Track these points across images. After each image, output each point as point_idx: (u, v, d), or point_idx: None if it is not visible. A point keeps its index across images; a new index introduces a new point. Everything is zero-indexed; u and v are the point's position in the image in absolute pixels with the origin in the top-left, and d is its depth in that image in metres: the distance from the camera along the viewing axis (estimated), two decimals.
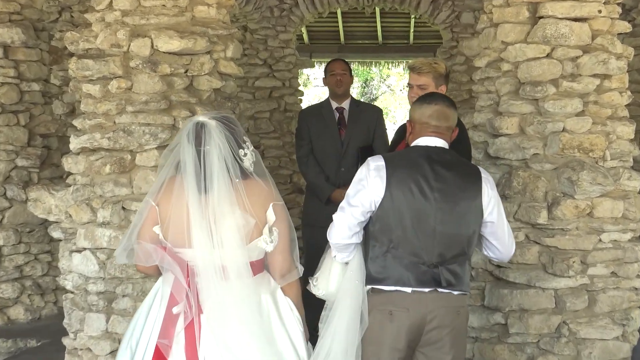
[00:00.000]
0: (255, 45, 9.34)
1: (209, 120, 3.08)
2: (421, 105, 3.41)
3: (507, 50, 4.96)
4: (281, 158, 9.38)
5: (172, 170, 3.11)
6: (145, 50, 4.61)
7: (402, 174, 3.24)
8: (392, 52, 12.85)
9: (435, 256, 3.24)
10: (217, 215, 2.99)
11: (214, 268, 3.00)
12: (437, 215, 3.22)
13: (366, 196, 3.26)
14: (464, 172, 3.31)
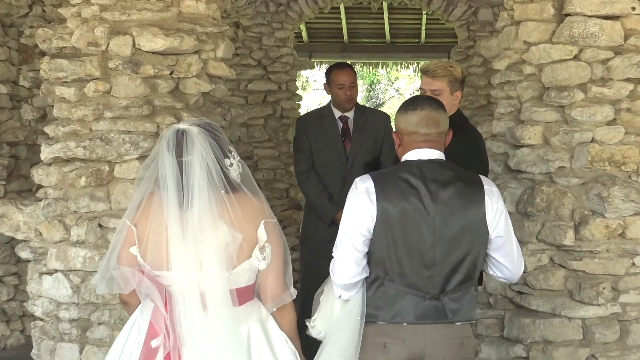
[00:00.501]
0: (248, 44, 9.37)
1: (191, 127, 3.07)
2: (406, 112, 3.35)
3: (529, 52, 4.99)
4: (277, 170, 9.39)
5: (151, 185, 3.12)
6: (126, 49, 4.63)
7: (394, 197, 3.21)
8: (401, 52, 12.86)
9: (438, 287, 3.21)
10: (197, 233, 2.98)
11: (192, 294, 3.00)
12: (436, 241, 3.19)
13: (362, 223, 3.23)
14: (463, 187, 3.26)
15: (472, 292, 3.30)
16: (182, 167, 3.01)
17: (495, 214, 3.27)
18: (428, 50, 12.32)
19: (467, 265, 3.24)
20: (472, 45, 9.29)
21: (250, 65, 9.38)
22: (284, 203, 9.31)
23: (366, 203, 3.21)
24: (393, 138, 3.44)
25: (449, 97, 4.29)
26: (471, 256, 3.24)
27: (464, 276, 3.24)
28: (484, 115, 8.67)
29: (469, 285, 3.28)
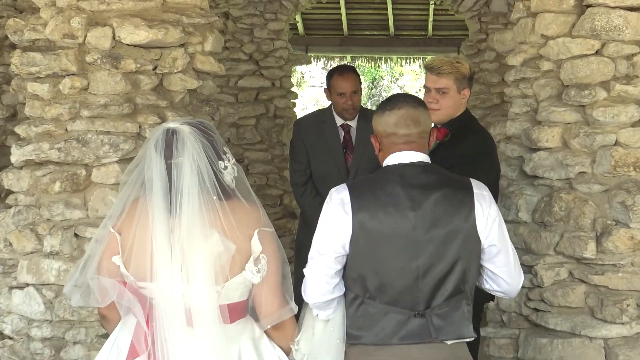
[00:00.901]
0: (239, 37, 9.39)
1: (182, 126, 3.07)
2: (382, 113, 3.34)
3: (547, 46, 5.00)
4: (269, 175, 9.41)
5: (136, 190, 3.12)
6: (105, 42, 4.64)
7: (371, 207, 3.20)
8: (406, 46, 12.88)
9: (422, 302, 3.20)
10: (184, 242, 2.99)
11: (176, 308, 3.00)
12: (419, 252, 3.18)
13: (336, 238, 3.22)
14: (450, 192, 3.24)
15: (463, 308, 3.25)
16: (171, 170, 3.01)
17: (487, 220, 3.24)
18: (436, 44, 12.33)
19: (456, 277, 3.21)
20: (484, 38, 9.32)
21: (241, 59, 9.39)
22: (277, 211, 9.32)
23: (340, 215, 3.20)
24: (373, 143, 3.42)
25: (456, 96, 4.31)
26: (460, 267, 3.21)
27: (453, 290, 3.22)
28: (496, 116, 8.69)
29: (458, 299, 3.24)
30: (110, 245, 3.11)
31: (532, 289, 4.91)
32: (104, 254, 3.12)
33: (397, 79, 27.34)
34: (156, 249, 3.00)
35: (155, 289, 3.02)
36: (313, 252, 3.29)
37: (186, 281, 2.99)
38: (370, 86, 26.89)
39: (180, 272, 2.99)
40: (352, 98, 5.70)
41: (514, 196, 5.09)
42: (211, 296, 3.01)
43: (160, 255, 3.00)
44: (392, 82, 27.36)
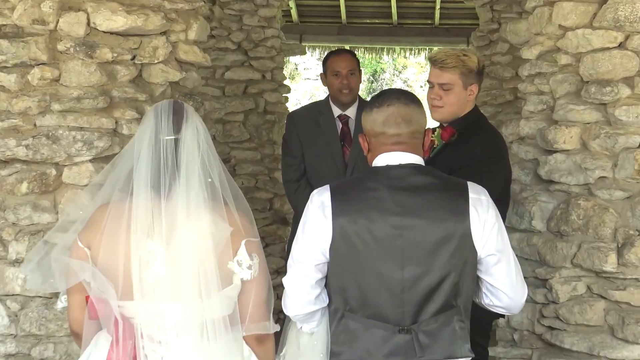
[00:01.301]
0: (226, 24, 9.37)
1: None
2: (370, 110, 3.36)
3: (565, 38, 5.00)
4: (258, 176, 9.39)
5: (109, 193, 3.15)
6: (79, 28, 4.63)
7: (352, 211, 3.20)
8: (410, 36, 12.84)
9: (408, 317, 3.20)
10: (174, 227, 3.03)
11: (163, 324, 3.03)
12: (404, 261, 3.17)
13: (315, 244, 3.23)
14: (441, 196, 3.25)
15: (454, 324, 3.25)
16: (167, 146, 3.08)
17: (484, 227, 3.24)
18: (443, 34, 12.30)
19: (446, 290, 3.21)
20: (497, 28, 9.29)
21: (229, 49, 9.37)
22: (266, 216, 9.30)
23: (319, 219, 3.22)
24: (361, 143, 3.44)
25: (462, 92, 4.31)
26: (451, 279, 3.21)
27: (442, 304, 3.22)
28: (509, 114, 8.67)
29: (449, 315, 3.24)
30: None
31: (547, 305, 4.91)
32: (69, 271, 3.13)
33: (400, 71, 27.42)
34: (134, 258, 3.02)
35: (133, 307, 3.03)
36: (291, 260, 3.31)
37: (172, 292, 3.01)
38: (371, 79, 26.95)
39: (164, 281, 3.01)
40: (349, 78, 5.76)
41: (527, 203, 5.09)
42: (197, 310, 3.04)
43: (138, 266, 3.02)
44: (395, 75, 27.40)
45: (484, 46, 9.38)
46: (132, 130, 4.61)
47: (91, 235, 3.10)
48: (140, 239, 3.03)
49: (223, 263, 3.08)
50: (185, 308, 3.03)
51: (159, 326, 3.04)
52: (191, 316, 3.04)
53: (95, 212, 3.15)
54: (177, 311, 3.02)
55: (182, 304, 3.02)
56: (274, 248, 9.01)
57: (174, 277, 3.03)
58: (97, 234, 3.08)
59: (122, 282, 3.03)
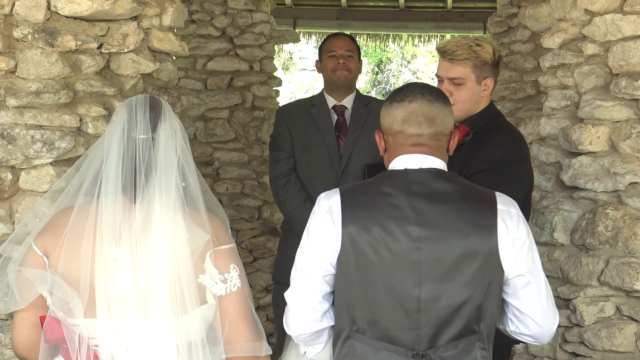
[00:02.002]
0: (208, 7, 9.38)
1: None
2: (390, 104, 3.37)
3: (592, 24, 5.01)
4: (245, 181, 9.40)
5: (72, 197, 3.16)
6: (38, 12, 4.62)
7: (365, 218, 3.21)
8: (419, 21, 12.82)
9: (424, 340, 3.21)
10: (152, 226, 3.08)
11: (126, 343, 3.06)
12: (422, 278, 3.18)
13: (322, 254, 3.25)
14: (466, 207, 3.25)
15: (476, 352, 3.26)
16: (142, 146, 3.13)
17: (514, 244, 3.24)
18: (457, 19, 12.28)
19: (468, 313, 3.22)
20: (516, 13, 9.30)
21: (212, 36, 9.38)
22: (254, 227, 9.31)
23: (328, 226, 3.23)
24: (378, 141, 3.45)
25: (475, 87, 4.32)
26: (474, 301, 3.22)
27: (462, 328, 3.23)
28: (530, 109, 8.66)
29: (470, 341, 3.25)
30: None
31: (570, 329, 4.92)
32: (28, 284, 3.14)
33: (408, 61, 27.36)
34: (98, 267, 3.04)
35: (95, 325, 3.04)
36: (295, 271, 3.33)
37: (140, 307, 3.05)
38: (376, 70, 26.91)
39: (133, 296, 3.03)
40: (346, 59, 5.86)
41: (548, 212, 5.10)
42: (170, 329, 3.07)
43: (102, 276, 3.04)
44: (403, 65, 27.36)
45: (502, 33, 9.38)
46: (99, 129, 4.60)
47: (49, 240, 3.12)
48: (106, 245, 3.05)
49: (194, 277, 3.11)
50: (155, 327, 3.03)
51: (127, 349, 3.05)
52: (163, 337, 3.05)
53: (56, 216, 3.17)
54: (146, 330, 3.03)
55: (152, 322, 3.03)
56: (262, 262, 9.03)
57: (141, 289, 3.04)
58: (56, 239, 3.10)
59: (85, 297, 3.04)
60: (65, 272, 3.06)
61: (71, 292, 3.05)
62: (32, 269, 3.11)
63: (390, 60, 26.88)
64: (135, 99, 3.24)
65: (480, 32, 11.24)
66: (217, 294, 3.14)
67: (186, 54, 5.36)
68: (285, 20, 11.90)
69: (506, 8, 9.41)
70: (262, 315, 8.23)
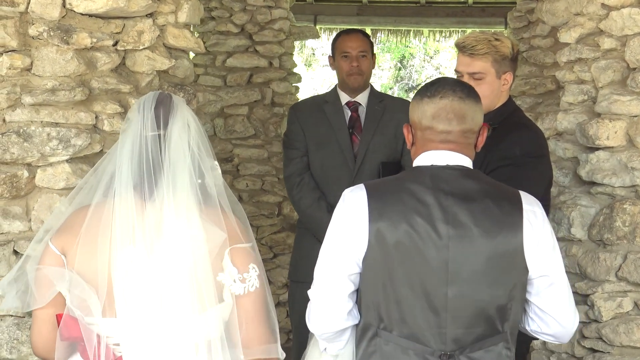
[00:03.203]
0: (227, 4, 9.37)
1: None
2: (420, 99, 3.34)
3: (609, 18, 5.00)
4: (265, 177, 9.40)
5: (90, 196, 3.17)
6: (53, 10, 4.63)
7: (393, 215, 3.19)
8: (440, 17, 12.78)
9: (450, 340, 3.20)
10: (165, 225, 3.07)
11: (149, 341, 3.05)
12: (450, 277, 3.17)
13: (349, 251, 3.23)
14: (493, 206, 3.24)
15: (501, 351, 3.26)
16: (150, 143, 3.13)
17: (539, 244, 3.24)
18: (478, 14, 12.25)
19: (493, 313, 3.22)
20: (535, 7, 9.27)
21: (231, 33, 9.37)
22: (274, 223, 9.31)
23: (355, 223, 3.21)
24: (406, 134, 3.42)
25: (495, 82, 4.31)
26: (500, 301, 3.22)
27: (488, 328, 3.23)
28: (550, 104, 8.60)
29: (495, 341, 3.25)
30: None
31: (588, 324, 4.91)
32: (45, 283, 3.14)
33: (431, 57, 27.29)
34: (114, 267, 3.04)
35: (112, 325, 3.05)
36: (320, 269, 3.31)
37: (157, 306, 3.05)
38: (398, 66, 26.84)
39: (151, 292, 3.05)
40: (359, 60, 5.80)
41: (565, 207, 5.08)
42: (189, 328, 3.07)
43: (119, 276, 3.04)
44: (425, 61, 27.29)
45: (522, 28, 9.32)
46: (114, 127, 4.61)
47: (66, 239, 3.12)
48: (121, 245, 3.04)
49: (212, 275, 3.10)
50: (174, 326, 3.04)
51: (145, 348, 3.05)
52: (182, 336, 3.05)
53: (72, 215, 3.17)
54: (164, 329, 3.04)
55: (171, 321, 3.03)
56: (282, 259, 9.02)
57: (158, 289, 3.04)
58: (73, 238, 3.10)
59: (102, 296, 3.04)
60: (82, 271, 3.06)
61: (89, 290, 3.05)
62: (50, 267, 3.11)
63: (413, 56, 26.83)
64: (145, 97, 3.26)
65: (501, 27, 11.21)
66: (235, 293, 3.13)
67: (202, 50, 5.36)
68: (305, 16, 11.89)
69: (526, 3, 9.35)
70: (282, 312, 8.24)
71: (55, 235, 3.17)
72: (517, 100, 8.19)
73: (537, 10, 8.24)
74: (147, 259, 3.05)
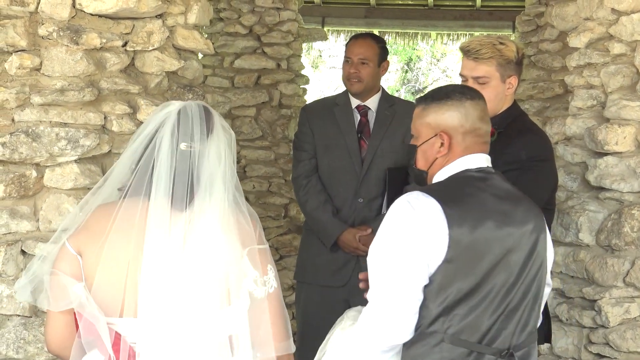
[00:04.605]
0: (236, 5, 9.38)
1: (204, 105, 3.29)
2: (460, 102, 3.32)
3: (619, 24, 4.99)
4: (272, 179, 9.40)
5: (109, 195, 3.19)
6: (63, 10, 4.63)
7: (469, 220, 3.15)
8: (448, 20, 12.80)
9: (507, 340, 3.21)
10: (202, 239, 3.07)
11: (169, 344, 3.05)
12: (517, 279, 3.20)
13: (425, 259, 3.14)
14: (530, 208, 3.32)
15: (536, 349, 3.35)
16: (189, 154, 3.15)
17: (550, 245, 3.36)
18: (486, 17, 12.25)
19: (537, 312, 3.30)
20: (544, 11, 9.26)
21: (239, 34, 9.38)
22: (281, 225, 9.31)
23: (433, 229, 3.13)
24: (432, 143, 3.36)
25: (500, 86, 4.29)
26: (540, 301, 3.31)
27: (533, 326, 3.30)
28: (558, 109, 8.60)
29: (534, 338, 3.32)
30: (69, 269, 3.14)
31: (595, 330, 4.90)
32: (61, 288, 3.14)
33: (438, 60, 27.28)
34: (145, 268, 3.05)
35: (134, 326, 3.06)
36: (389, 279, 3.18)
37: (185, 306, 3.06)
38: (405, 68, 26.83)
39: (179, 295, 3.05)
40: (358, 67, 5.78)
41: (573, 212, 5.08)
42: (214, 324, 3.08)
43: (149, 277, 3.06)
44: (432, 64, 27.28)
45: (530, 32, 9.32)
46: (123, 127, 4.62)
47: (85, 240, 3.11)
48: (155, 251, 3.05)
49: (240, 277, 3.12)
50: (198, 325, 3.06)
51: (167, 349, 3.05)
52: (206, 335, 3.07)
53: (93, 215, 3.16)
54: (188, 329, 3.05)
55: (195, 322, 3.05)
56: (289, 261, 9.01)
57: (185, 289, 3.05)
58: (93, 239, 3.09)
59: (126, 296, 3.05)
60: (105, 272, 3.05)
61: (98, 314, 3.05)
62: (67, 276, 3.11)
63: (420, 59, 26.82)
64: (191, 110, 3.22)
65: (509, 31, 11.21)
66: (257, 297, 3.14)
67: (211, 51, 5.36)
68: (314, 18, 11.91)
69: (534, 7, 9.35)
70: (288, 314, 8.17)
71: (72, 235, 3.16)
72: (525, 104, 8.19)
73: (547, 14, 8.26)
74: (175, 261, 3.05)
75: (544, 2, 9.15)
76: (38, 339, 4.57)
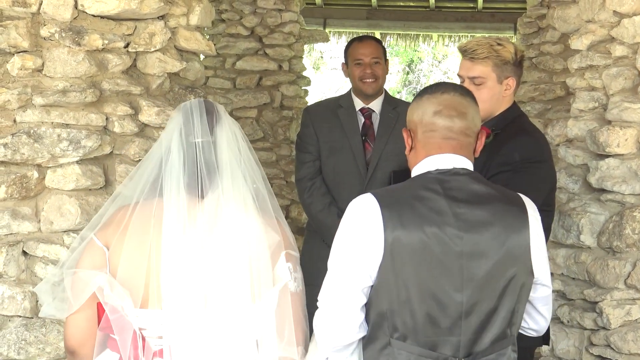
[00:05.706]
0: (238, 7, 9.39)
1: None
2: (420, 98, 3.31)
3: (621, 26, 4.99)
4: (273, 180, 9.40)
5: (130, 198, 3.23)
6: (65, 11, 4.63)
7: (408, 223, 3.13)
8: (449, 21, 12.81)
9: (464, 347, 3.17)
10: (222, 217, 3.13)
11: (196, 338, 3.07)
12: (464, 283, 3.14)
13: (365, 262, 3.15)
14: (502, 210, 3.21)
15: (509, 355, 3.24)
16: (203, 149, 3.20)
17: (540, 247, 3.25)
18: (487, 19, 12.26)
19: (503, 317, 3.19)
20: (546, 14, 9.26)
21: (241, 35, 9.39)
22: None
23: (370, 232, 3.13)
24: (405, 140, 3.37)
25: (496, 87, 4.27)
26: (509, 306, 3.19)
27: (499, 333, 3.20)
28: (560, 111, 8.61)
29: (504, 345, 3.23)
30: (96, 261, 3.19)
31: (596, 331, 4.90)
32: (81, 283, 3.16)
33: (440, 61, 27.27)
34: (165, 259, 3.10)
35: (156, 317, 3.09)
36: (332, 282, 3.22)
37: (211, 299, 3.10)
38: (407, 70, 26.82)
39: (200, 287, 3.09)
40: (373, 67, 5.76)
41: (575, 214, 5.07)
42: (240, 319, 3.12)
43: (173, 265, 3.10)
44: (434, 65, 27.28)
45: (532, 34, 9.32)
46: (125, 128, 4.62)
47: (111, 234, 3.17)
48: (172, 239, 3.07)
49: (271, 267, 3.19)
50: (223, 319, 3.09)
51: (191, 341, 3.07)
52: (231, 329, 3.10)
53: (116, 212, 3.22)
54: (212, 323, 3.09)
55: (220, 315, 3.08)
56: None
57: (210, 282, 3.07)
58: (117, 233, 3.15)
59: (146, 288, 3.09)
60: (127, 263, 3.08)
61: (123, 293, 3.08)
62: (87, 270, 3.14)
63: (421, 60, 26.82)
64: (190, 104, 3.29)
65: (511, 32, 11.21)
66: (290, 290, 3.20)
67: (213, 53, 5.36)
68: (315, 20, 11.90)
69: (536, 9, 9.35)
70: None
71: (99, 230, 3.22)
72: (527, 106, 8.19)
73: (549, 16, 8.26)
74: (198, 253, 3.08)
75: (546, 4, 9.16)
76: (39, 340, 4.57)
